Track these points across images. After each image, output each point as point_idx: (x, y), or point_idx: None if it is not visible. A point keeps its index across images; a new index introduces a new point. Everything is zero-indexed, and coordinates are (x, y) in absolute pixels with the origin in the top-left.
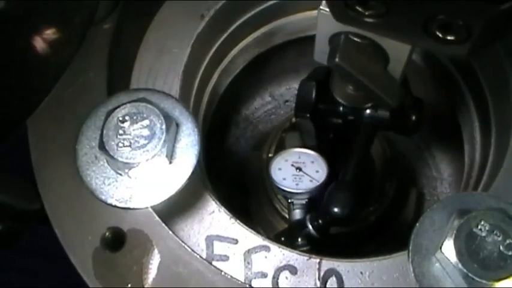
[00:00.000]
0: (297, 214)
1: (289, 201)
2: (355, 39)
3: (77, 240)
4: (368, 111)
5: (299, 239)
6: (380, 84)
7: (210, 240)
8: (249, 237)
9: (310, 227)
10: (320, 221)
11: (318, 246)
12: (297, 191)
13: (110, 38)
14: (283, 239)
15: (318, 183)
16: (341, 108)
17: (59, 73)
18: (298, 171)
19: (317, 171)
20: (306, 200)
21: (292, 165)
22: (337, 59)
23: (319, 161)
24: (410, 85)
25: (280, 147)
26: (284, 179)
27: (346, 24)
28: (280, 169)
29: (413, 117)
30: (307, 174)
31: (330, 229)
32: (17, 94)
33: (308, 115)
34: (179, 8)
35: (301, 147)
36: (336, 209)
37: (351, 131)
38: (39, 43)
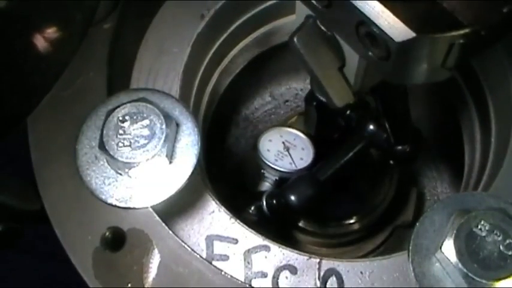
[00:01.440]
0: (264, 186)
1: (262, 171)
2: (322, 27)
3: (77, 240)
4: (371, 126)
5: (252, 208)
6: (330, 80)
7: (210, 240)
8: (249, 237)
9: (264, 201)
10: (274, 201)
11: (265, 224)
12: (272, 165)
13: (110, 38)
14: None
15: (295, 169)
16: (348, 112)
17: (59, 72)
18: (285, 150)
19: (301, 159)
20: (277, 178)
21: (283, 142)
22: (295, 38)
23: (309, 150)
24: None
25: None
26: (268, 150)
27: (303, 3)
28: (270, 140)
29: (408, 149)
30: (291, 157)
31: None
32: (17, 92)
33: (315, 103)
34: (179, 8)
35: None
36: (292, 197)
37: (348, 136)
38: (39, 41)
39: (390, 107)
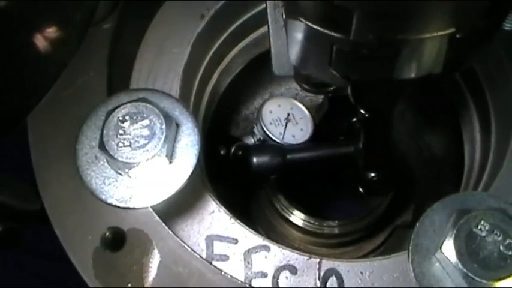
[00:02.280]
0: (246, 138)
1: (253, 126)
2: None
3: (77, 240)
4: (361, 145)
5: (222, 148)
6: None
7: (210, 240)
8: (249, 237)
9: (232, 149)
10: (240, 152)
11: (228, 173)
12: (264, 125)
13: (110, 38)
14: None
15: (280, 141)
16: (354, 120)
17: (59, 71)
18: (284, 120)
19: (292, 136)
20: (261, 138)
21: (288, 114)
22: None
23: (304, 135)
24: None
25: None
26: (270, 112)
27: None
28: (279, 106)
29: (375, 178)
30: (284, 129)
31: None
32: (16, 92)
33: (329, 95)
34: (179, 8)
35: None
36: (254, 158)
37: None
38: (39, 41)
39: (370, 134)
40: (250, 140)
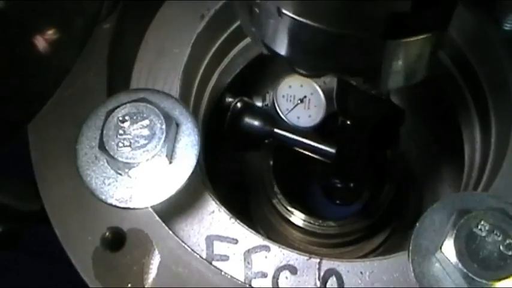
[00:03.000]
0: (256, 99)
1: (268, 91)
2: None
3: (77, 240)
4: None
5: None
6: None
7: (210, 240)
8: (249, 237)
9: (234, 104)
10: (239, 106)
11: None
12: (277, 96)
13: (110, 38)
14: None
15: (282, 118)
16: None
17: (60, 78)
18: (297, 100)
19: (298, 118)
20: (268, 105)
21: (305, 96)
22: None
23: (311, 121)
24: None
25: None
26: (290, 86)
27: None
28: (301, 86)
29: (338, 185)
30: (293, 108)
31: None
32: (18, 99)
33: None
34: (179, 8)
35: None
36: (246, 118)
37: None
38: (41, 45)
39: (345, 142)
40: (259, 102)
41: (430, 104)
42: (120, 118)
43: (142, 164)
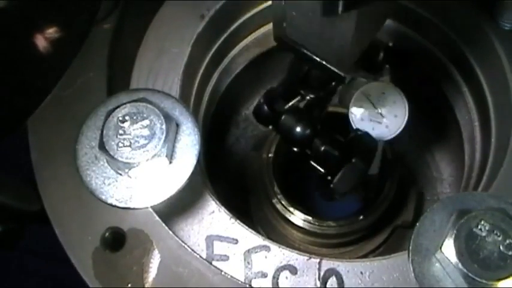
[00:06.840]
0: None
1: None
2: None
3: (77, 240)
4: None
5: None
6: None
7: (210, 240)
8: (249, 237)
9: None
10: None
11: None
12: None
13: (110, 38)
14: None
15: (351, 126)
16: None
17: (60, 73)
18: (377, 112)
19: (374, 125)
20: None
21: (379, 113)
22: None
23: (396, 124)
24: (409, 87)
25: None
26: (370, 95)
27: None
28: (383, 93)
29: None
30: (368, 119)
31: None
32: (18, 93)
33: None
34: (179, 8)
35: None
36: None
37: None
38: (40, 42)
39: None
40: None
41: (430, 104)
42: (120, 118)
43: (142, 164)
